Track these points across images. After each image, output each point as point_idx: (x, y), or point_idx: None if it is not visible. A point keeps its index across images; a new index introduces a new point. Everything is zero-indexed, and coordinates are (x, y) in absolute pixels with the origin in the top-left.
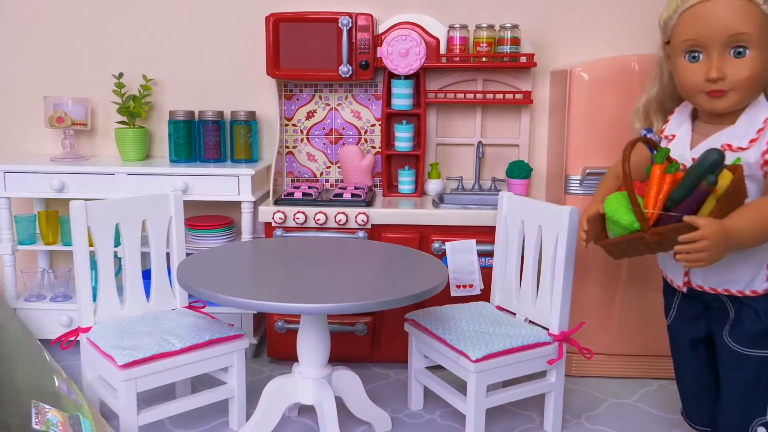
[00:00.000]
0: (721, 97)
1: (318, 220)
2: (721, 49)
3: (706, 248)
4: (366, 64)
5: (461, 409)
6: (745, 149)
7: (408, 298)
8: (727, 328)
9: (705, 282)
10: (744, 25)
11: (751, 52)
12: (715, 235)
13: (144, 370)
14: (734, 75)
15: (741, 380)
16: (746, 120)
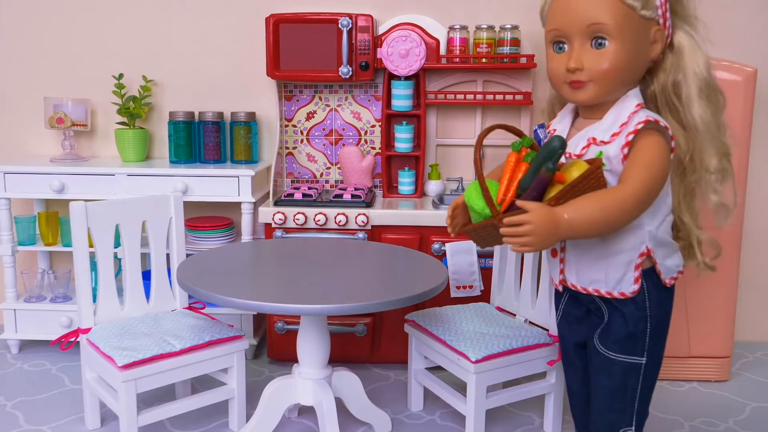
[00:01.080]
0: (580, 88)
1: (318, 221)
2: (582, 40)
3: (530, 232)
4: (366, 65)
5: (461, 410)
6: (607, 143)
7: (408, 299)
8: (598, 332)
9: (578, 281)
10: (602, 15)
11: (611, 44)
12: (540, 219)
13: (144, 371)
14: (593, 66)
15: (608, 386)
16: (613, 114)
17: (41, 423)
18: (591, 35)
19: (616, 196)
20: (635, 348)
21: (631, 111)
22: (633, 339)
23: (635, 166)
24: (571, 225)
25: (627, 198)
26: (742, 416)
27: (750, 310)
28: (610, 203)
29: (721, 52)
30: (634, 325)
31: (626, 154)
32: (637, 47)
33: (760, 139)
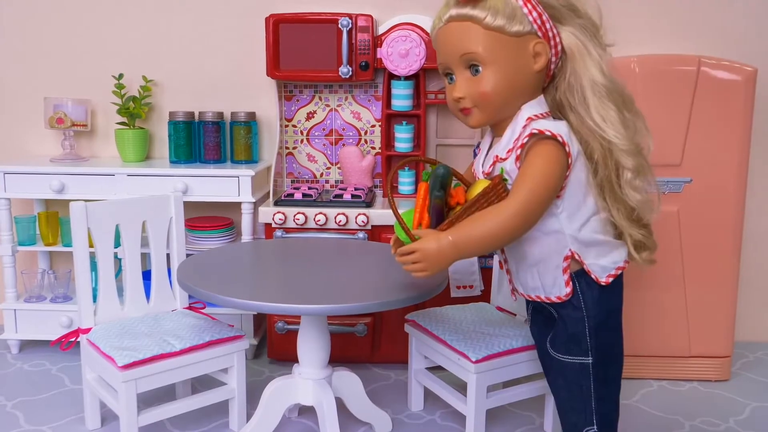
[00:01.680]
0: (468, 114)
1: (318, 221)
2: (461, 69)
3: (419, 259)
4: (366, 65)
5: (461, 410)
6: (504, 159)
7: (408, 299)
8: (550, 336)
9: (523, 289)
10: (470, 44)
11: (485, 69)
12: (426, 246)
13: (144, 371)
14: (473, 92)
15: (563, 388)
16: (509, 131)
17: (41, 423)
18: (467, 64)
19: (499, 213)
20: (579, 349)
21: (522, 125)
22: (575, 340)
23: (518, 179)
24: (457, 246)
25: (510, 213)
26: (743, 416)
27: (750, 310)
28: (492, 221)
29: (721, 52)
30: (573, 326)
31: (518, 167)
32: (515, 65)
33: (761, 138)
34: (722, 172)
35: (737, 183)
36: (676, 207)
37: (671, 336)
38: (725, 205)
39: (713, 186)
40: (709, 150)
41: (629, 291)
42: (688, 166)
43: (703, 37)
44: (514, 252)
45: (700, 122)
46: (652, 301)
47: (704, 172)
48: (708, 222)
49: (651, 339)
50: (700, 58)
